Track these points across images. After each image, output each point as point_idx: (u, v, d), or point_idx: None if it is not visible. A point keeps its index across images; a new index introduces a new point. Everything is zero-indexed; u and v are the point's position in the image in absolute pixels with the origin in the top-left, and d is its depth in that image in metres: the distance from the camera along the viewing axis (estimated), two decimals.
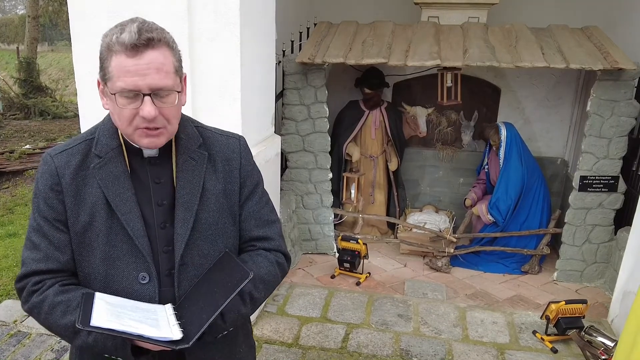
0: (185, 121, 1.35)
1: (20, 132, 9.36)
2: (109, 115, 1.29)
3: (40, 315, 1.24)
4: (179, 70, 1.22)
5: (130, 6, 2.69)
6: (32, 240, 1.27)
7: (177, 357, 1.29)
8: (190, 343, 1.13)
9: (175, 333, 1.14)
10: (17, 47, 14.86)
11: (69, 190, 1.25)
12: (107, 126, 1.29)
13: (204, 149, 1.34)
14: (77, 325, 1.08)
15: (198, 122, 1.41)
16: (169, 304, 1.26)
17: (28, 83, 12.20)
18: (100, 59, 1.18)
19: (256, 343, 3.11)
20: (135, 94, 1.15)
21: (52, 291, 1.23)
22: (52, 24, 20.98)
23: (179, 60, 1.23)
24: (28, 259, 1.26)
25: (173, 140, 1.30)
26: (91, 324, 1.08)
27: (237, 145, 1.40)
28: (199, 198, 1.29)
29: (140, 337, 1.11)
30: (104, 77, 1.17)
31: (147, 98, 1.15)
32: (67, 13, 2.84)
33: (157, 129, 1.20)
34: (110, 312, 1.14)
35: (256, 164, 1.46)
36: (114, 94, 1.15)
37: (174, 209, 1.29)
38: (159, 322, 1.17)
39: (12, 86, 12.22)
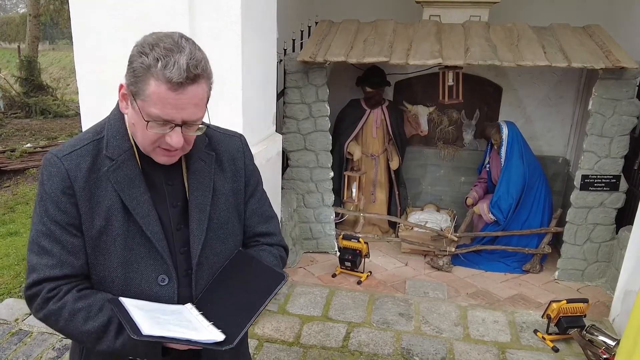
0: None
1: (21, 131, 9.37)
2: (115, 113, 1.27)
3: (59, 322, 1.22)
4: (209, 97, 1.22)
5: (133, 5, 2.69)
6: (42, 246, 1.22)
7: (193, 357, 1.32)
8: (234, 343, 1.15)
9: (217, 334, 1.17)
10: (18, 46, 14.89)
11: (82, 194, 1.21)
12: (116, 126, 1.26)
13: (210, 148, 1.36)
14: (133, 337, 1.07)
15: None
16: (189, 303, 1.28)
17: (29, 82, 12.21)
18: (135, 72, 1.13)
19: (257, 342, 3.12)
20: (167, 122, 1.15)
21: (70, 297, 1.21)
22: (53, 23, 20.99)
23: (211, 87, 1.21)
24: (39, 264, 1.21)
25: None
26: (145, 334, 1.09)
27: (239, 144, 1.43)
28: (211, 199, 1.32)
29: (189, 342, 1.13)
30: (137, 93, 1.14)
31: (177, 128, 1.16)
32: (68, 12, 2.84)
33: (177, 150, 1.22)
34: (150, 319, 1.15)
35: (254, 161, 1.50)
36: (142, 108, 1.14)
37: (187, 210, 1.30)
38: (193, 324, 1.19)
39: (13, 85, 12.23)
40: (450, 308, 3.59)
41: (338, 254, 4.22)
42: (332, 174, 4.25)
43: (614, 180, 3.79)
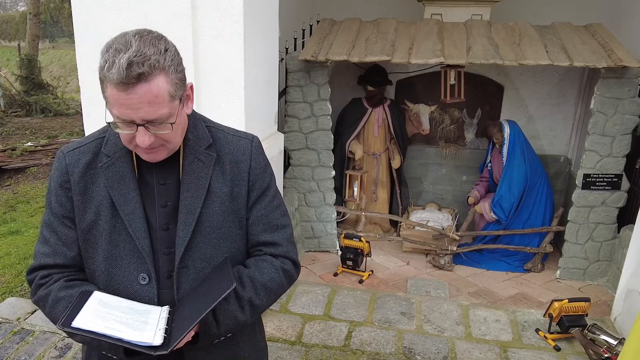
0: (197, 120, 1.34)
1: (21, 130, 9.37)
2: None
3: (45, 309, 1.28)
4: (177, 93, 1.17)
5: (135, 4, 2.69)
6: (43, 235, 1.31)
7: (176, 359, 1.29)
8: (169, 350, 1.12)
9: (157, 339, 1.14)
10: (19, 44, 14.91)
11: (76, 188, 1.27)
12: None
13: (213, 150, 1.32)
14: (57, 326, 1.10)
15: (211, 121, 1.38)
16: (167, 306, 1.25)
17: (29, 80, 12.21)
18: (99, 76, 1.13)
19: None
20: (130, 122, 1.14)
21: (56, 286, 1.26)
22: (53, 21, 20.98)
23: (178, 81, 1.17)
24: (38, 252, 1.30)
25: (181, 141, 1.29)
26: (72, 325, 1.10)
27: (248, 146, 1.36)
28: (203, 200, 1.28)
29: (120, 341, 1.11)
30: (104, 96, 1.15)
31: (140, 128, 1.14)
32: (68, 10, 2.84)
33: (155, 148, 1.20)
34: (97, 313, 1.15)
35: (269, 166, 1.41)
36: (112, 123, 1.16)
37: (178, 211, 1.28)
38: (146, 326, 1.16)
39: (13, 83, 12.22)
40: (451, 307, 3.59)
41: (340, 252, 4.22)
42: (333, 172, 4.25)
43: (616, 179, 3.79)
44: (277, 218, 1.39)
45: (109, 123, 1.16)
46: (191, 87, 1.26)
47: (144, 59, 1.08)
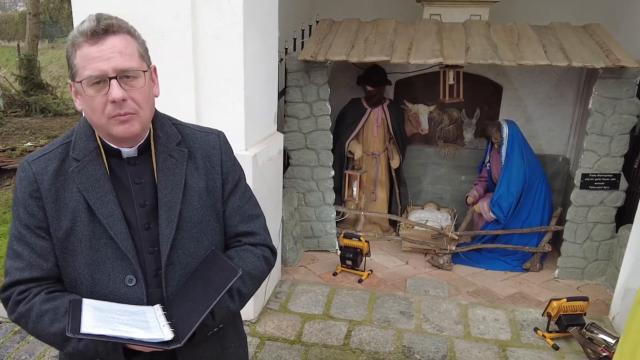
0: (162, 119, 1.35)
1: (21, 130, 9.38)
2: (84, 118, 1.29)
3: (28, 325, 1.22)
4: (145, 56, 1.24)
5: (135, 5, 2.70)
6: (14, 249, 1.25)
7: (169, 357, 1.29)
8: (182, 342, 1.13)
9: (167, 334, 1.14)
10: (18, 44, 14.91)
11: (48, 196, 1.23)
12: (84, 129, 1.28)
13: (183, 146, 1.33)
14: (67, 334, 1.07)
15: (175, 119, 1.41)
16: (158, 304, 1.25)
17: (29, 80, 12.21)
18: (67, 58, 1.19)
19: (259, 340, 3.14)
20: (103, 81, 1.15)
21: (38, 299, 1.22)
22: (52, 21, 20.97)
23: (145, 50, 1.25)
24: (11, 268, 1.24)
25: (152, 139, 1.30)
26: (82, 331, 1.08)
27: (216, 141, 1.39)
28: (182, 197, 1.29)
29: (132, 341, 1.11)
30: (72, 74, 1.18)
31: (113, 81, 1.15)
32: (68, 10, 2.85)
33: (129, 114, 1.19)
34: (99, 318, 1.14)
35: (237, 160, 1.45)
36: (81, 82, 1.16)
37: (157, 209, 1.27)
38: (149, 324, 1.17)
39: (12, 83, 12.23)
40: (450, 306, 3.60)
41: (339, 252, 4.24)
42: (333, 172, 4.26)
43: (614, 179, 3.80)
44: (252, 208, 1.44)
45: (80, 81, 1.16)
46: (155, 69, 1.30)
47: (108, 17, 1.17)
